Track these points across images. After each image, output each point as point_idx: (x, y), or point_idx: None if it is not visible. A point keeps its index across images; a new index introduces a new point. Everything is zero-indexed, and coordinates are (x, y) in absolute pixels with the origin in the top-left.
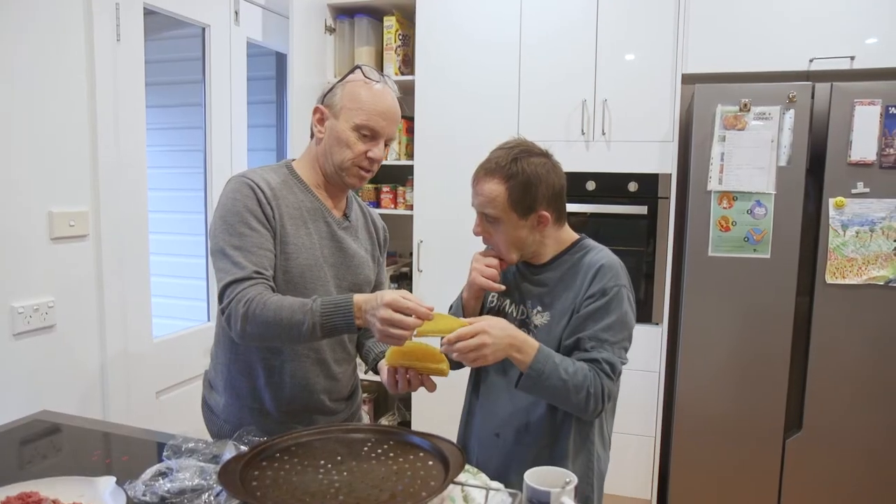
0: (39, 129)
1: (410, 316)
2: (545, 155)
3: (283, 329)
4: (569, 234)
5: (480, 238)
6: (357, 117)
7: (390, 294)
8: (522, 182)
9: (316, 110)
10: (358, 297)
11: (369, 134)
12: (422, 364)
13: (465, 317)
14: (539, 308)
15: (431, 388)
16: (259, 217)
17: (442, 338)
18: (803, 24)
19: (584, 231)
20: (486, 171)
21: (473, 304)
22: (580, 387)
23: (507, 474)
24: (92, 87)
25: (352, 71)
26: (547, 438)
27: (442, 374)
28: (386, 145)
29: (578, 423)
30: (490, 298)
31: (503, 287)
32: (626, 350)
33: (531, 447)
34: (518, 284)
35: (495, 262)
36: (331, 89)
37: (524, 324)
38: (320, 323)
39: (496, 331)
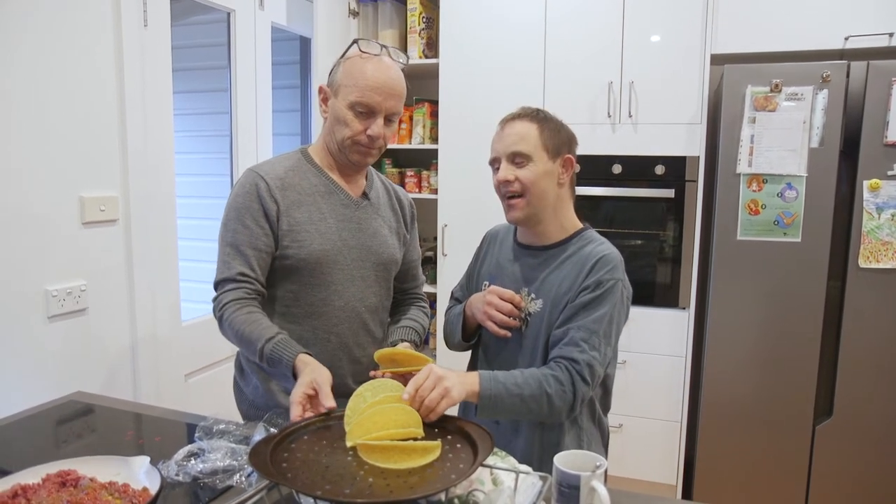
0: (69, 116)
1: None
2: None
3: (243, 346)
4: (574, 220)
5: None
6: (352, 94)
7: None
8: (552, 125)
9: (320, 90)
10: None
11: (364, 111)
12: (406, 368)
13: (463, 331)
14: (533, 295)
15: None
16: (255, 214)
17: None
18: (838, 1)
19: (610, 215)
20: (515, 116)
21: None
22: (537, 395)
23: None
24: (120, 72)
25: (350, 46)
26: (542, 424)
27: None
28: (389, 121)
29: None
30: (484, 285)
31: (510, 334)
32: (612, 346)
33: (528, 433)
34: (513, 270)
35: (509, 307)
36: (334, 67)
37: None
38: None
39: (441, 369)
